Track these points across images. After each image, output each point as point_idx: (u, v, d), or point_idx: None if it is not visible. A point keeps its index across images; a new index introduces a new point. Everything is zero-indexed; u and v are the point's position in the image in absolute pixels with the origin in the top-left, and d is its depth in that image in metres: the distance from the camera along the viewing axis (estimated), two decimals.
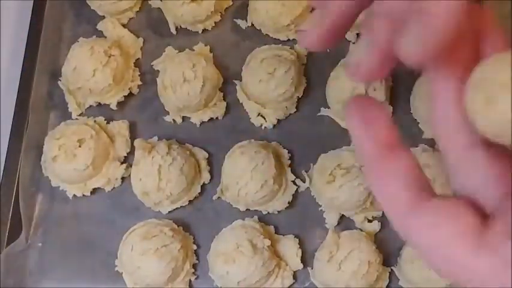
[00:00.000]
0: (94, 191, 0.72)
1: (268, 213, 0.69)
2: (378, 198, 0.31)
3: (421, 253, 0.29)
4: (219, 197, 0.70)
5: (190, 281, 0.68)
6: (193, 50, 0.75)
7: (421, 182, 0.31)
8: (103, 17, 0.78)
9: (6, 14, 0.82)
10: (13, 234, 0.70)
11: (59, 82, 0.75)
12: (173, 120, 0.73)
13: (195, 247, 0.69)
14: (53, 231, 0.71)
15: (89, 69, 0.72)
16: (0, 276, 0.68)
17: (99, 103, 0.74)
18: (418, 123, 0.71)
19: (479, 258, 0.28)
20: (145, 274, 0.65)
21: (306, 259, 0.67)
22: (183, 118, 0.73)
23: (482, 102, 0.27)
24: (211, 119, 0.73)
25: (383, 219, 0.68)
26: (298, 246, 0.67)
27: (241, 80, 0.73)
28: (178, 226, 0.69)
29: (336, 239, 0.65)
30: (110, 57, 0.72)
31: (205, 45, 0.75)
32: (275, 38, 0.75)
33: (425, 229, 0.29)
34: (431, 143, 0.70)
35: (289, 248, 0.67)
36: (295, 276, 0.67)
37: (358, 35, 0.73)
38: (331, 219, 0.68)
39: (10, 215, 0.70)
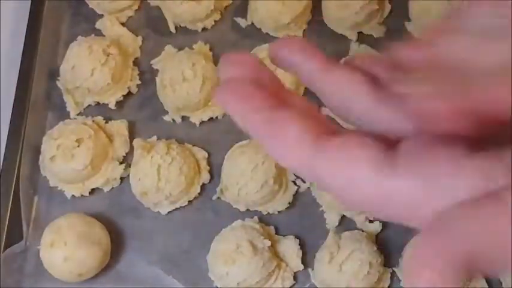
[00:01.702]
0: (92, 191, 0.71)
1: (269, 213, 0.69)
2: (275, 152, 0.28)
3: (336, 194, 0.28)
4: (218, 197, 0.70)
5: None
6: (193, 49, 0.74)
7: (320, 123, 0.29)
8: (101, 16, 0.77)
9: (4, 13, 0.82)
10: (11, 235, 0.69)
11: (57, 81, 0.75)
12: (172, 119, 0.73)
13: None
14: None
15: (88, 68, 0.71)
16: (0, 277, 0.68)
17: (98, 102, 0.73)
18: None
19: (395, 182, 0.27)
20: None
21: (307, 260, 0.67)
22: (183, 117, 0.73)
23: None
24: (211, 118, 0.72)
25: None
26: (299, 246, 0.67)
27: None
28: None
29: (337, 239, 0.64)
30: (108, 56, 0.72)
31: (205, 44, 0.75)
32: (275, 37, 0.74)
33: (336, 167, 0.27)
34: None
35: (290, 248, 0.67)
36: (295, 277, 0.67)
37: (359, 34, 0.73)
38: (332, 220, 0.67)
39: (8, 216, 0.69)
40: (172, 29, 0.76)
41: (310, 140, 0.28)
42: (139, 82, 0.75)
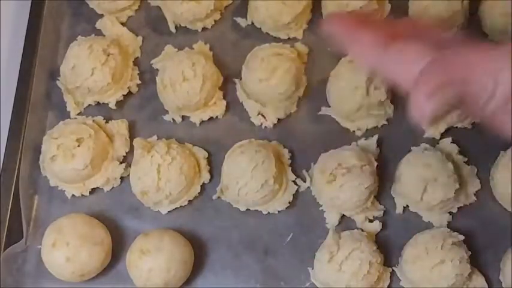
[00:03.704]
0: (93, 190, 0.71)
1: (269, 213, 0.69)
2: (355, 53, 0.43)
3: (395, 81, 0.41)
4: (218, 197, 0.70)
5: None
6: (193, 49, 0.74)
7: (387, 33, 0.42)
8: (102, 16, 0.77)
9: (4, 13, 0.82)
10: (11, 235, 0.69)
11: (57, 81, 0.75)
12: (173, 119, 0.73)
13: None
14: None
15: (88, 68, 0.71)
16: (0, 277, 0.68)
17: (98, 102, 0.73)
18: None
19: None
20: None
21: (306, 259, 0.67)
22: (183, 117, 0.73)
23: None
24: (211, 118, 0.72)
25: (384, 219, 0.68)
26: None
27: (241, 79, 0.73)
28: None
29: (337, 239, 0.64)
30: (108, 55, 0.72)
31: (205, 44, 0.75)
32: (275, 37, 0.74)
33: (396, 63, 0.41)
34: (433, 143, 0.69)
35: None
36: (294, 275, 0.67)
37: None
38: (331, 219, 0.68)
39: (8, 216, 0.69)
40: (172, 29, 0.76)
41: (380, 45, 0.41)
42: (139, 82, 0.75)
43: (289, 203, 0.69)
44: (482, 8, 0.72)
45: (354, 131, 0.70)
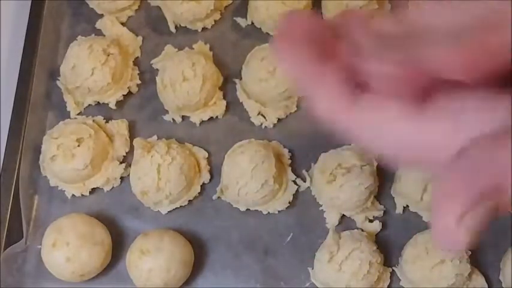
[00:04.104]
0: (93, 190, 0.71)
1: (269, 213, 0.69)
2: (314, 104, 0.32)
3: (372, 146, 0.31)
4: (218, 197, 0.70)
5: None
6: (193, 49, 0.74)
7: (356, 73, 0.31)
8: (102, 16, 0.77)
9: (4, 13, 0.81)
10: (11, 235, 0.69)
11: (57, 81, 0.75)
12: (173, 119, 0.73)
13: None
14: None
15: (88, 68, 0.71)
16: (0, 277, 0.68)
17: (98, 102, 0.73)
18: None
19: (426, 129, 0.29)
20: None
21: (306, 259, 0.67)
22: (183, 117, 0.73)
23: None
24: (211, 118, 0.72)
25: (384, 219, 0.68)
26: None
27: (241, 79, 0.73)
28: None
29: (337, 239, 0.64)
30: (108, 55, 0.72)
31: (205, 44, 0.75)
32: None
33: (368, 121, 0.30)
34: None
35: None
36: (294, 275, 0.67)
37: None
38: (331, 219, 0.68)
39: (8, 216, 0.69)
40: (172, 29, 0.76)
41: (347, 93, 0.31)
42: (139, 82, 0.75)
43: (289, 203, 0.69)
44: None
45: None
